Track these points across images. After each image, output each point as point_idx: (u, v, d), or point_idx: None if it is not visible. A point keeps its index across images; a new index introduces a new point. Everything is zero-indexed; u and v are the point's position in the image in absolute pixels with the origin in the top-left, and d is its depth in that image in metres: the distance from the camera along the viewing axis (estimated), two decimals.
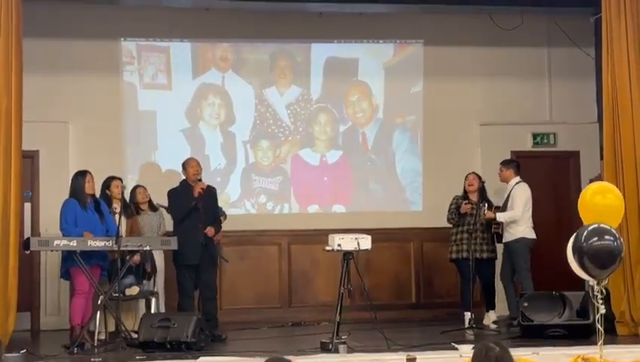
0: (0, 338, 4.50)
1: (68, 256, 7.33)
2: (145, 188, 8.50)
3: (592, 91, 10.07)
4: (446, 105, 10.10)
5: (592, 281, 5.51)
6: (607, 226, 5.58)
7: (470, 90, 10.16)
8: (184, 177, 8.11)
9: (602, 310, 5.45)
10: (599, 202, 5.63)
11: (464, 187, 8.63)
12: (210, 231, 7.76)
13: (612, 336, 6.93)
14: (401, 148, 10.25)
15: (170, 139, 9.76)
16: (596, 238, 5.52)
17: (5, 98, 6.77)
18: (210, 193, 8.04)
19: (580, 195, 5.87)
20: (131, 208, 8.17)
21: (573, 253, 5.61)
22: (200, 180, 7.88)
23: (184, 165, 8.08)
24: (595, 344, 6.18)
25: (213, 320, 7.70)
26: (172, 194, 8.04)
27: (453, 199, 8.62)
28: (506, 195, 8.52)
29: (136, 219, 8.17)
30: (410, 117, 10.26)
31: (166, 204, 8.29)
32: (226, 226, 8.57)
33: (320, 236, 8.89)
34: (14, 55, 6.85)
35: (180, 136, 9.79)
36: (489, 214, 8.29)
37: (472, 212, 8.38)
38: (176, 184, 8.21)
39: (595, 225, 5.62)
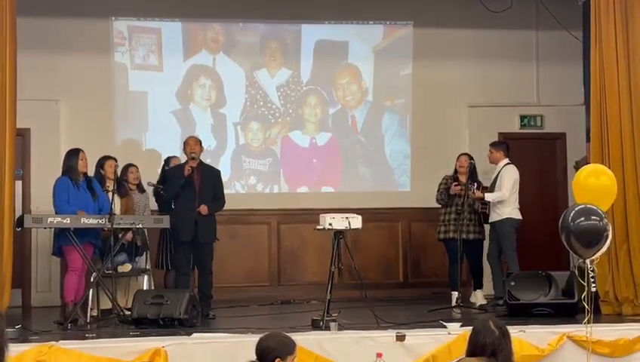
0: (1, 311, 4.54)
1: (61, 234, 7.38)
2: (137, 169, 8.54)
3: (579, 74, 10.13)
4: (434, 87, 10.19)
5: (586, 260, 5.62)
6: (593, 207, 5.70)
7: (459, 72, 10.24)
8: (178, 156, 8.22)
9: (593, 288, 5.57)
10: (593, 183, 5.75)
11: (455, 168, 8.71)
12: (203, 208, 7.82)
13: (596, 315, 7.02)
14: (390, 131, 10.33)
15: (160, 120, 9.81)
16: (583, 218, 5.65)
17: None
18: (211, 173, 8.10)
19: (574, 177, 5.98)
20: (125, 187, 8.22)
21: (561, 232, 5.74)
22: (193, 158, 7.92)
23: (184, 143, 8.15)
24: (580, 322, 6.35)
25: (204, 298, 7.78)
26: (169, 171, 8.16)
27: (443, 179, 8.70)
28: (494, 176, 8.61)
29: (130, 198, 8.22)
30: (400, 100, 10.34)
31: (155, 182, 8.41)
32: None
33: (309, 216, 9.02)
34: (9, 32, 6.85)
35: (170, 117, 9.83)
36: (477, 194, 8.39)
37: (461, 193, 8.47)
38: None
39: (582, 206, 5.75)
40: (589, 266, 5.50)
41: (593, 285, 5.57)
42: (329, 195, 10.06)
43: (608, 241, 5.77)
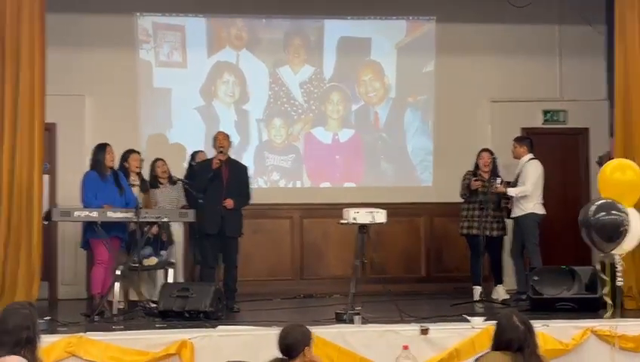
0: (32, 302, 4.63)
1: (89, 227, 7.47)
2: (164, 162, 8.63)
3: (602, 69, 10.15)
4: (457, 82, 10.19)
5: (615, 254, 5.62)
6: (614, 201, 5.71)
7: (481, 67, 10.24)
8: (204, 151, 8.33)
9: (620, 282, 5.57)
10: (619, 178, 5.75)
11: (476, 163, 8.72)
12: (229, 202, 7.89)
13: (620, 310, 7.05)
14: (412, 128, 10.36)
15: (185, 116, 9.90)
16: (604, 213, 5.66)
17: (29, 71, 6.88)
18: (239, 168, 8.18)
19: (600, 172, 5.98)
20: (146, 183, 8.30)
21: (581, 227, 5.75)
22: (222, 152, 7.98)
23: (213, 138, 8.22)
24: (603, 317, 6.36)
25: (229, 290, 7.86)
26: (197, 166, 8.27)
27: (466, 175, 8.71)
28: (517, 171, 8.62)
29: (150, 195, 8.31)
30: (422, 96, 10.36)
31: (182, 176, 8.50)
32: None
33: (332, 210, 9.04)
34: (38, 29, 6.95)
35: (194, 113, 9.92)
36: (500, 188, 8.39)
37: (484, 190, 8.47)
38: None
39: (603, 200, 5.76)
40: (617, 260, 5.50)
41: (620, 279, 5.57)
42: (351, 190, 10.10)
43: (629, 236, 5.77)
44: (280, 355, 4.56)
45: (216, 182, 7.91)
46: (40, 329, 4.28)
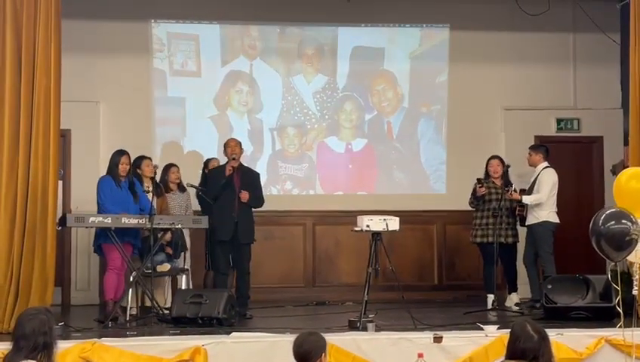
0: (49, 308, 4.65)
1: (101, 232, 7.50)
2: (178, 169, 8.65)
3: (616, 77, 10.12)
4: (470, 90, 10.20)
5: (634, 263, 5.60)
6: (624, 210, 5.69)
7: (495, 75, 10.25)
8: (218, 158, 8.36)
9: (635, 291, 5.55)
10: (634, 186, 5.72)
11: (485, 170, 8.70)
12: (244, 195, 7.91)
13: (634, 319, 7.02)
14: (425, 137, 10.36)
15: (198, 125, 9.93)
16: (613, 222, 5.64)
17: (45, 78, 6.90)
18: (251, 175, 8.20)
19: (615, 180, 5.95)
20: (161, 188, 8.33)
21: (591, 236, 5.73)
22: (234, 159, 8.01)
23: (224, 145, 8.24)
24: (617, 326, 6.31)
25: (241, 298, 7.86)
26: (210, 172, 8.28)
27: (476, 183, 8.68)
28: (532, 179, 8.60)
29: (165, 199, 8.34)
30: (435, 106, 10.37)
31: (196, 183, 8.50)
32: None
33: (344, 218, 9.09)
34: (54, 35, 6.96)
35: (208, 122, 9.95)
36: (515, 195, 8.38)
37: (491, 197, 8.44)
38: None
39: (613, 209, 5.74)
40: (636, 266, 5.47)
41: (636, 288, 5.55)
42: (364, 197, 10.10)
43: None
44: None
45: (228, 189, 7.93)
46: (57, 335, 4.30)
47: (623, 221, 5.61)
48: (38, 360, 4.04)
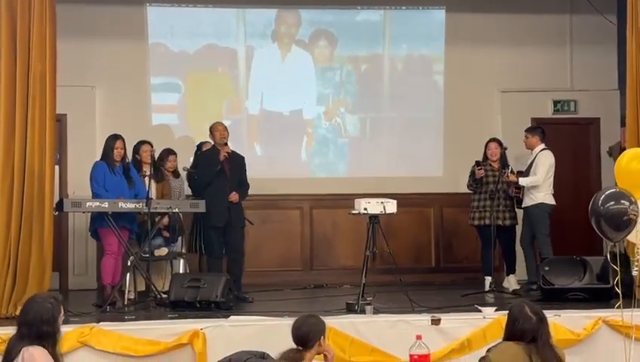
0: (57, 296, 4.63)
1: (97, 217, 7.49)
2: (176, 157, 8.61)
3: (613, 58, 10.10)
4: (467, 73, 10.16)
5: (634, 241, 5.62)
6: (623, 191, 5.70)
7: (491, 58, 10.22)
8: (210, 141, 8.25)
9: (635, 271, 5.56)
10: (635, 168, 5.72)
11: (484, 153, 8.70)
12: (234, 197, 7.91)
13: (631, 300, 7.04)
14: (422, 120, 10.32)
15: (194, 109, 9.90)
16: (612, 202, 5.65)
17: (40, 63, 6.87)
18: (238, 160, 8.17)
19: (616, 161, 5.95)
20: (161, 172, 8.31)
21: (591, 216, 5.74)
22: (226, 144, 8.00)
23: (211, 129, 8.18)
24: (614, 307, 6.34)
25: (237, 281, 7.86)
26: (200, 157, 8.20)
27: (473, 166, 8.67)
28: (529, 161, 8.60)
29: (166, 183, 8.33)
30: (432, 88, 10.30)
31: (189, 167, 8.49)
32: (249, 190, 8.70)
33: (341, 201, 9.10)
34: (49, 20, 6.93)
35: (203, 107, 9.89)
36: (512, 177, 8.38)
37: (489, 180, 8.44)
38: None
39: (613, 190, 5.75)
40: (636, 250, 5.49)
41: (636, 269, 5.57)
42: (360, 180, 10.05)
43: (638, 225, 5.74)
44: (294, 346, 4.57)
45: (220, 174, 7.92)
46: (61, 324, 4.30)
47: (622, 201, 5.62)
48: (43, 347, 4.06)
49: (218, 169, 7.89)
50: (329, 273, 9.70)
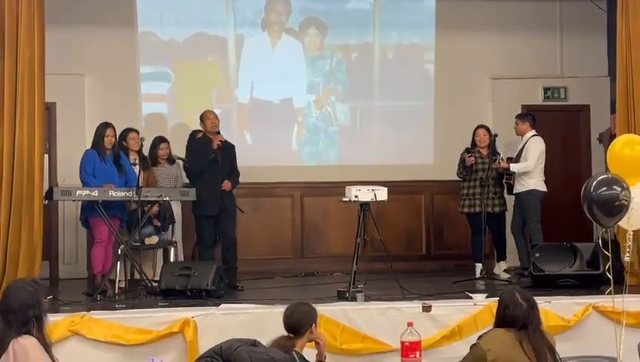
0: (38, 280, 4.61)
1: (88, 205, 7.45)
2: (168, 144, 8.58)
3: (603, 45, 10.11)
4: (457, 60, 10.15)
5: (626, 227, 5.63)
6: (615, 176, 5.71)
7: (481, 45, 10.21)
8: (202, 130, 8.22)
9: (627, 258, 5.58)
10: (628, 154, 5.72)
11: (472, 139, 8.70)
12: (227, 185, 7.90)
13: (621, 286, 7.06)
14: (413, 107, 10.30)
15: (185, 98, 9.85)
16: (604, 188, 5.65)
17: (28, 49, 6.83)
18: (229, 148, 8.15)
19: (609, 147, 5.95)
20: (147, 160, 8.28)
21: (583, 202, 5.75)
22: (218, 132, 7.98)
23: (202, 117, 8.17)
24: (605, 293, 6.35)
25: (231, 269, 7.86)
26: (191, 146, 8.15)
27: (463, 153, 8.68)
28: (519, 147, 8.61)
29: (152, 172, 8.30)
30: (422, 76, 10.28)
31: (183, 155, 8.43)
32: (240, 178, 8.69)
33: (332, 188, 9.08)
34: (37, 7, 6.89)
35: (194, 95, 9.83)
36: (503, 164, 8.39)
37: (478, 167, 8.45)
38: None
39: (605, 175, 5.76)
40: (630, 233, 5.50)
41: (628, 255, 5.58)
42: (351, 168, 10.04)
43: (630, 211, 5.75)
44: (286, 333, 4.57)
45: (213, 163, 7.90)
46: (47, 307, 4.26)
47: (614, 187, 5.62)
48: (31, 334, 4.01)
49: (212, 158, 7.87)
50: (320, 261, 9.69)
